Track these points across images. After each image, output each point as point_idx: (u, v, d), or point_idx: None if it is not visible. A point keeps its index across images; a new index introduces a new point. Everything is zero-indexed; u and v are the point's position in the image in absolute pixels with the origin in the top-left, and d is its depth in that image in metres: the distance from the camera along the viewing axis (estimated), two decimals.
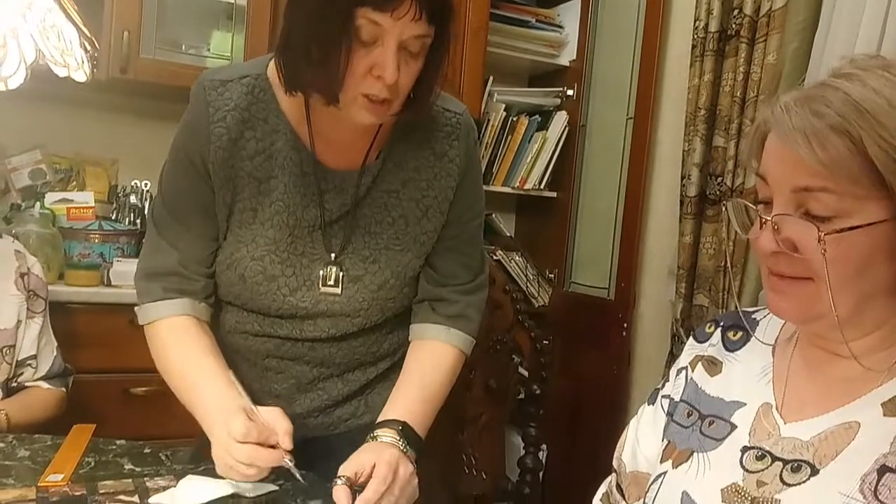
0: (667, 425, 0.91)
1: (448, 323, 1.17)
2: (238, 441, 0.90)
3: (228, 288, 1.13)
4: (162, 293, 1.09)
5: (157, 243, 1.12)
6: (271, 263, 1.10)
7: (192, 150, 1.08)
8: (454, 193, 1.15)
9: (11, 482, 0.98)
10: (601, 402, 2.42)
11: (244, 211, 1.09)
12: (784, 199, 0.72)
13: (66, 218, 2.18)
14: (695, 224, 2.09)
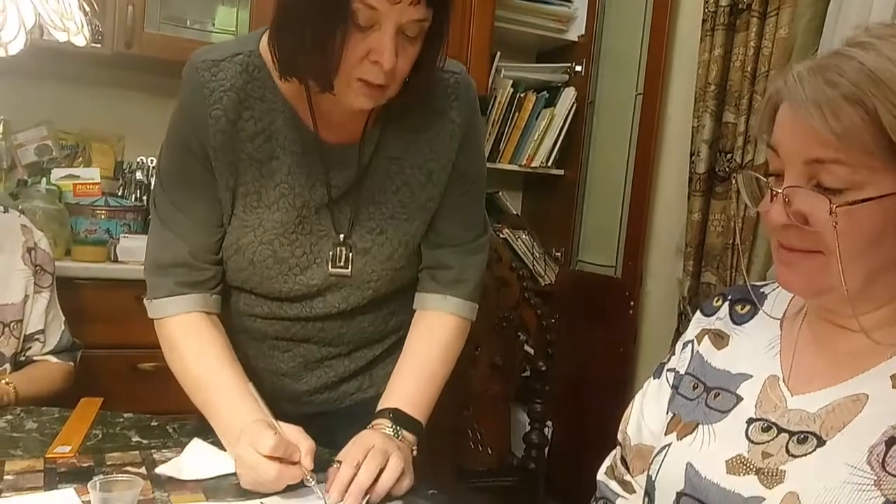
0: (672, 398, 0.91)
1: (445, 290, 1.16)
2: (265, 456, 0.88)
3: (237, 273, 1.12)
4: (173, 288, 1.07)
5: (163, 235, 1.09)
6: (280, 246, 1.09)
7: (189, 135, 1.05)
8: (456, 153, 1.13)
9: (20, 453, 0.98)
10: (607, 380, 2.42)
11: (248, 195, 1.07)
12: (795, 171, 0.71)
13: (72, 194, 2.19)
14: (703, 201, 2.08)
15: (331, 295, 1.13)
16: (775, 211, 0.73)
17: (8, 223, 1.36)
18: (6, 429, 1.09)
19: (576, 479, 2.39)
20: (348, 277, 1.12)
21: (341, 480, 0.91)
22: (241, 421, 0.95)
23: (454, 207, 1.16)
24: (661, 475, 0.83)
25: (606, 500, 0.98)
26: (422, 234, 1.15)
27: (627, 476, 0.96)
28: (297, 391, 1.20)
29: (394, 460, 0.94)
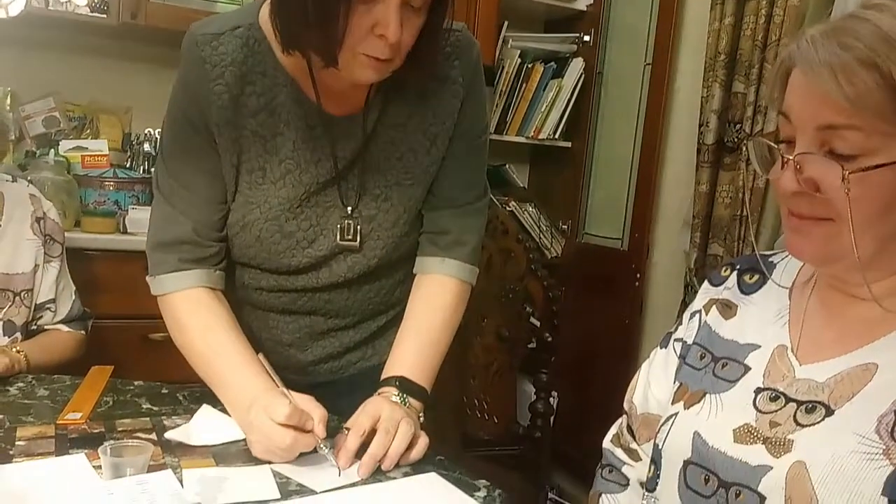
0: (679, 368, 0.91)
1: (444, 253, 1.16)
2: (279, 424, 0.88)
3: (243, 250, 1.12)
4: (176, 264, 1.06)
5: (166, 212, 1.08)
6: (286, 221, 1.09)
7: (192, 112, 1.04)
8: (458, 112, 1.11)
9: (31, 420, 1.00)
10: (612, 351, 2.43)
11: (252, 171, 1.07)
12: (807, 137, 0.70)
13: (80, 166, 2.19)
14: (711, 172, 2.06)
15: (336, 265, 1.14)
16: (786, 178, 0.72)
17: (16, 192, 1.36)
18: (18, 396, 1.10)
19: (580, 447, 2.41)
20: (356, 247, 1.12)
21: (349, 449, 0.92)
22: (252, 390, 0.95)
23: (455, 167, 1.15)
24: (668, 444, 0.84)
25: (612, 467, 0.99)
26: (424, 198, 1.15)
27: (633, 444, 0.97)
28: (301, 362, 1.21)
29: (404, 428, 0.95)
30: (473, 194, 1.18)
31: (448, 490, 0.89)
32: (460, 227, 1.16)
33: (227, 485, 0.84)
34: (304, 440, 0.90)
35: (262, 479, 0.87)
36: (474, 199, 1.18)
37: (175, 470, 0.86)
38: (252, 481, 0.86)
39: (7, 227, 1.32)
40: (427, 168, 1.12)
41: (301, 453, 0.91)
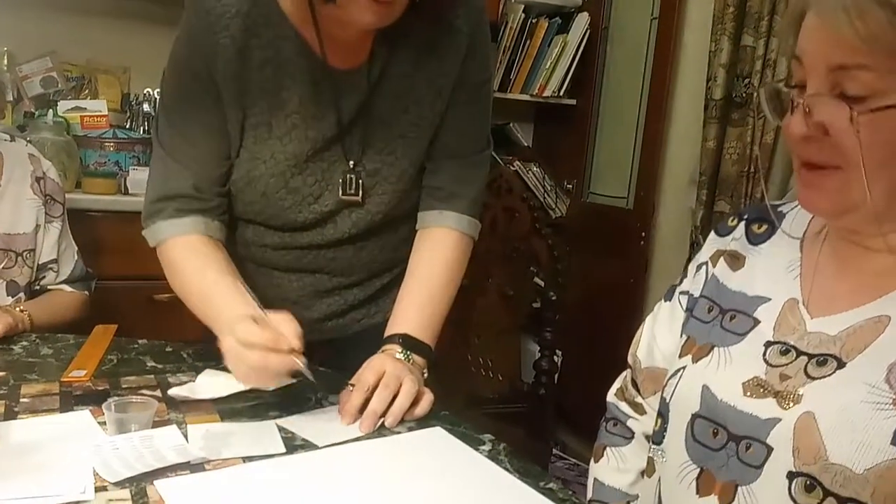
0: (686, 321, 0.90)
1: (441, 206, 1.14)
2: (245, 345, 0.86)
3: (248, 206, 1.10)
4: (173, 212, 1.05)
5: (166, 166, 1.06)
6: (292, 177, 1.07)
7: (197, 65, 1.01)
8: (462, 61, 1.09)
9: (35, 377, 1.00)
10: (617, 310, 2.43)
11: (258, 126, 1.05)
12: (819, 79, 0.68)
13: (80, 126, 2.17)
14: (719, 128, 2.03)
15: (341, 220, 1.12)
16: (795, 122, 0.70)
17: (15, 152, 1.35)
18: (22, 354, 1.10)
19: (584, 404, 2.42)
20: (358, 202, 1.10)
21: (353, 405, 0.92)
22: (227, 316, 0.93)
23: (458, 118, 1.12)
24: (676, 397, 0.83)
25: (616, 421, 0.99)
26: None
27: (638, 398, 0.97)
28: (306, 319, 1.19)
29: (407, 385, 0.94)
30: (474, 146, 1.16)
31: (453, 444, 0.89)
32: (459, 178, 1.14)
33: (232, 439, 0.84)
34: (277, 359, 0.86)
35: (268, 434, 0.87)
36: (475, 150, 1.16)
37: (180, 425, 0.86)
38: (257, 436, 0.86)
39: (7, 187, 1.31)
40: (433, 121, 1.10)
41: (303, 408, 0.91)
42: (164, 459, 0.76)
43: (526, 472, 0.82)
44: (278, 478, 0.77)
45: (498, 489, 0.78)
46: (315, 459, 0.82)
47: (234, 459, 0.80)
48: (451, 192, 1.14)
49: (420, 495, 0.75)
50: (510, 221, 1.88)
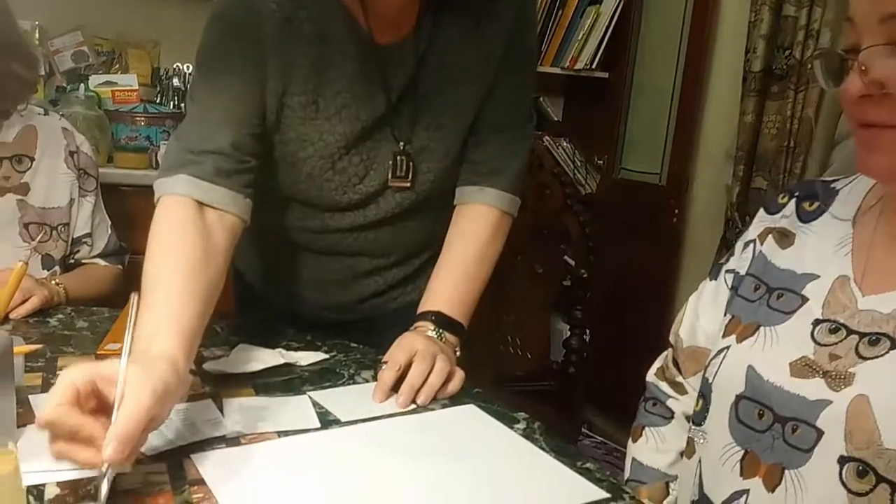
0: (731, 300, 0.87)
1: (482, 181, 1.11)
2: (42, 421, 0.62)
3: (292, 185, 1.07)
4: (211, 173, 0.92)
5: (203, 119, 0.96)
6: (340, 158, 1.04)
7: (244, 22, 0.95)
8: (512, 29, 1.05)
9: (71, 350, 1.00)
10: (648, 289, 2.40)
11: (306, 106, 1.00)
12: (872, 34, 0.66)
13: (111, 101, 2.17)
14: (757, 102, 1.98)
15: (384, 201, 1.10)
16: (851, 81, 0.67)
17: (49, 126, 1.35)
18: (58, 327, 1.11)
19: (612, 383, 2.41)
20: (408, 185, 1.08)
21: (385, 382, 0.91)
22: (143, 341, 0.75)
23: (505, 88, 1.09)
24: (720, 378, 0.81)
25: (656, 401, 0.97)
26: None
27: (679, 377, 0.95)
28: (343, 301, 1.19)
29: (440, 363, 0.93)
30: (518, 119, 1.13)
31: (487, 421, 0.88)
32: (502, 153, 1.11)
33: (267, 414, 0.84)
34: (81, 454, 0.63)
35: (302, 409, 0.86)
36: (518, 124, 1.13)
37: (215, 399, 0.86)
38: (292, 411, 0.85)
39: (41, 161, 1.31)
40: (481, 92, 1.07)
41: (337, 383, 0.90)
42: (200, 433, 0.76)
43: (561, 451, 0.80)
44: (313, 452, 0.77)
45: (534, 468, 0.76)
46: (350, 434, 0.82)
47: (269, 434, 0.79)
48: (493, 168, 1.11)
49: (455, 472, 0.74)
50: (541, 198, 1.86)
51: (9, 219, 1.26)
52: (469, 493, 0.70)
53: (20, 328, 1.08)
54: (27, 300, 1.13)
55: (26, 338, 0.99)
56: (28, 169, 1.29)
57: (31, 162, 1.30)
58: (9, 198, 1.26)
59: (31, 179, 1.29)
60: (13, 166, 1.28)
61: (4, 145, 1.28)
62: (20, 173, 1.28)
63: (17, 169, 1.28)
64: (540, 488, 0.72)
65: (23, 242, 1.27)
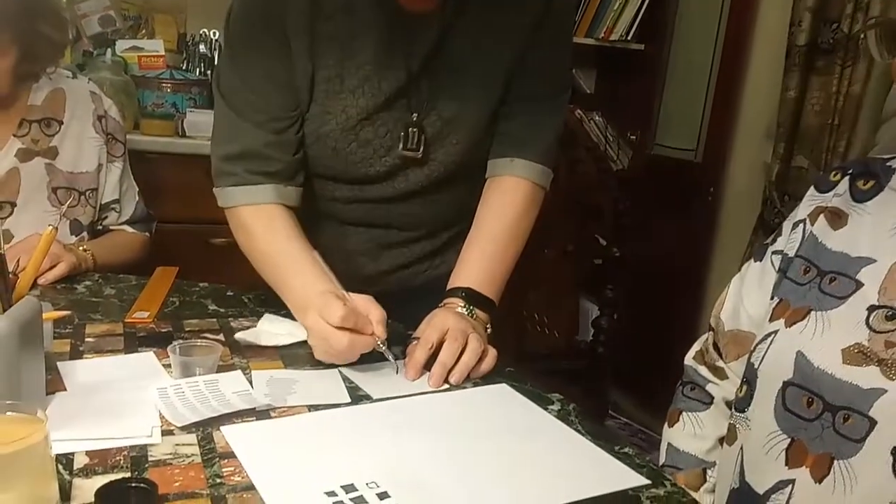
0: (778, 282, 0.84)
1: (512, 153, 1.08)
2: (335, 327, 0.84)
3: (319, 161, 1.05)
4: (244, 176, 0.99)
5: (231, 120, 1.00)
6: (363, 130, 1.02)
7: (269, 11, 0.96)
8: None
9: (99, 317, 0.99)
10: (680, 269, 2.35)
11: (330, 80, 0.99)
12: None
13: (137, 66, 2.16)
14: (801, 77, 1.90)
15: (413, 173, 1.07)
16: None
17: (77, 89, 1.33)
18: (85, 293, 1.10)
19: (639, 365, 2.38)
20: (432, 150, 1.05)
21: (417, 360, 0.89)
22: (309, 293, 0.91)
23: (539, 55, 1.05)
24: (767, 363, 0.78)
25: (694, 385, 0.94)
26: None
27: (720, 362, 0.91)
28: (371, 272, 1.16)
29: (473, 342, 0.91)
30: (553, 88, 1.09)
31: (520, 402, 0.85)
32: (534, 124, 1.08)
33: (297, 387, 0.82)
34: (362, 341, 0.86)
35: (333, 384, 0.84)
36: (553, 93, 1.09)
37: (244, 371, 0.85)
38: (322, 385, 0.84)
39: (70, 124, 1.30)
40: (512, 60, 1.03)
41: (367, 359, 0.89)
42: (230, 405, 0.74)
43: (598, 434, 0.78)
44: (344, 428, 0.75)
45: (571, 452, 0.74)
46: (381, 411, 0.80)
47: (300, 407, 0.78)
48: (524, 139, 1.08)
49: (489, 453, 0.72)
50: (572, 173, 1.81)
51: (37, 183, 1.25)
52: (503, 474, 0.68)
53: (48, 294, 1.07)
54: (55, 266, 1.12)
55: (54, 304, 0.98)
56: (56, 133, 1.28)
57: (59, 126, 1.28)
58: (37, 161, 1.25)
59: (59, 143, 1.28)
60: (42, 129, 1.27)
61: (33, 108, 1.26)
62: (49, 137, 1.27)
63: (46, 132, 1.27)
64: (577, 473, 0.69)
65: (51, 207, 1.26)
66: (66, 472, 0.62)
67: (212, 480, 0.62)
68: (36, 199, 1.25)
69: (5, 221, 1.22)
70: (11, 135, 1.24)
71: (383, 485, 0.63)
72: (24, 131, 1.25)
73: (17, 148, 1.24)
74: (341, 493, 0.62)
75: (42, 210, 1.24)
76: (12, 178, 1.23)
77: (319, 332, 0.86)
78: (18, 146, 1.24)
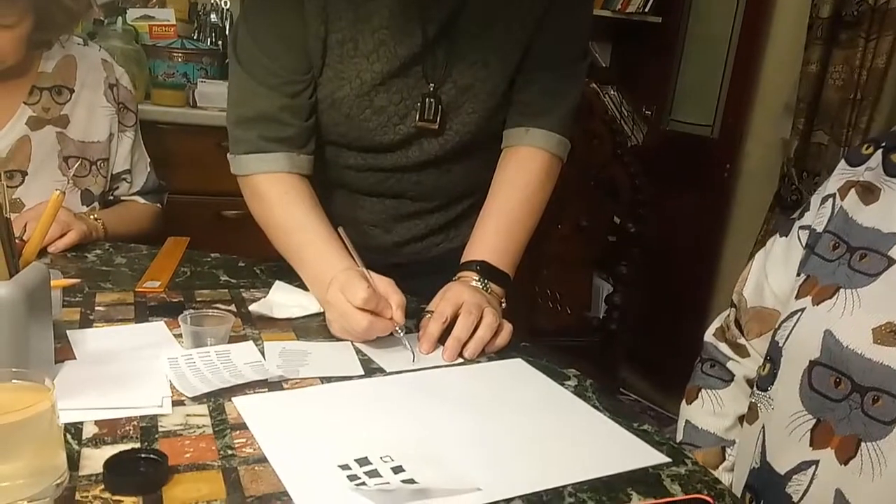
0: (805, 258, 0.81)
1: (528, 122, 1.05)
2: (357, 308, 0.83)
3: (332, 128, 1.04)
4: (258, 143, 0.98)
5: (244, 83, 0.99)
6: (377, 96, 1.00)
7: None
8: None
9: (110, 286, 0.98)
10: (694, 246, 2.32)
11: (343, 43, 0.97)
12: None
13: (148, 36, 2.13)
14: (823, 50, 1.86)
15: (427, 142, 1.05)
16: None
17: (89, 56, 1.31)
18: (96, 262, 1.09)
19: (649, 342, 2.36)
20: (448, 118, 1.03)
21: (431, 334, 0.87)
22: (331, 269, 0.89)
23: (558, 20, 1.02)
24: (792, 342, 0.75)
25: (714, 362, 0.92)
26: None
27: (741, 339, 0.89)
28: (384, 243, 1.15)
29: (488, 316, 0.89)
30: (571, 55, 1.06)
31: (536, 377, 0.84)
32: (551, 92, 1.05)
33: (309, 359, 0.81)
34: (381, 325, 0.85)
35: (346, 356, 0.83)
36: (572, 60, 1.06)
37: (256, 342, 0.83)
38: (335, 357, 0.82)
39: (81, 92, 1.28)
40: (530, 26, 1.00)
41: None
42: (242, 376, 0.73)
43: (616, 410, 0.76)
44: (358, 400, 0.73)
45: (589, 428, 0.72)
46: (395, 384, 0.78)
47: (313, 379, 0.76)
48: (542, 108, 1.05)
49: (505, 427, 0.70)
50: (588, 147, 1.78)
51: (48, 151, 1.23)
52: (520, 450, 0.66)
53: (58, 262, 1.06)
54: (65, 234, 1.11)
55: (64, 272, 0.96)
56: (68, 101, 1.26)
57: (70, 94, 1.26)
58: (48, 130, 1.24)
59: (70, 112, 1.26)
60: (53, 97, 1.25)
61: (44, 75, 1.24)
62: (60, 105, 1.25)
63: (57, 100, 1.25)
64: (596, 450, 0.68)
65: (62, 176, 1.24)
66: (75, 441, 0.61)
67: (223, 452, 0.61)
68: (47, 168, 1.23)
69: (16, 190, 1.20)
70: (22, 102, 1.22)
71: (398, 459, 0.62)
72: (34, 99, 1.23)
73: (27, 116, 1.22)
74: (355, 467, 0.60)
75: (53, 179, 1.23)
76: (23, 146, 1.21)
77: (339, 308, 0.85)
78: (29, 114, 1.22)
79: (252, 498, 0.55)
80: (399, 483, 0.58)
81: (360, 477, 0.59)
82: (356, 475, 0.59)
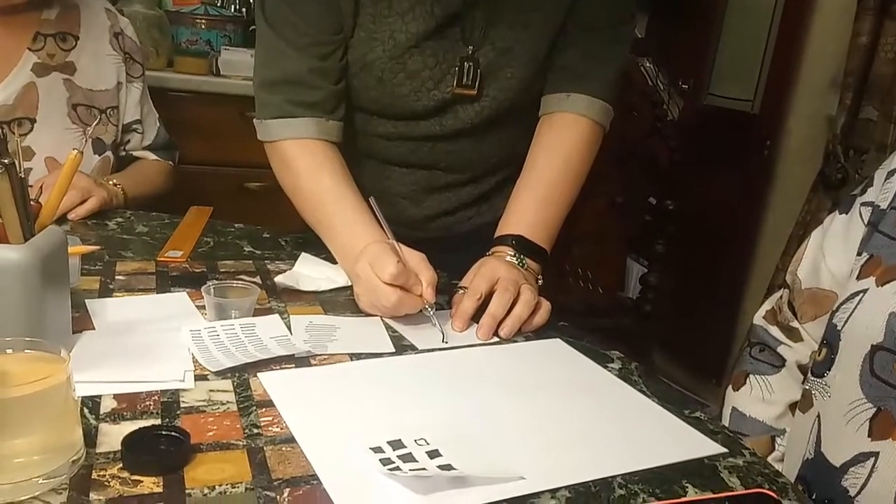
0: (868, 237, 0.75)
1: (569, 87, 1.00)
2: (386, 283, 0.79)
3: (364, 92, 0.99)
4: (284, 107, 0.94)
5: (271, 45, 0.95)
6: (411, 58, 0.95)
7: None
8: None
9: (130, 255, 0.95)
10: (731, 225, 2.24)
11: (378, 1, 0.92)
12: None
13: (171, 2, 2.09)
14: (874, 22, 1.77)
15: (462, 109, 1.00)
16: None
17: (91, 5, 1.28)
18: (116, 230, 1.06)
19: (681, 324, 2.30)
20: (485, 83, 0.97)
21: (465, 311, 0.83)
22: (361, 240, 0.85)
23: None
24: (852, 325, 0.70)
25: (764, 346, 0.87)
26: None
27: (794, 322, 0.84)
28: (415, 216, 1.10)
29: (526, 293, 0.84)
30: (616, 16, 1.00)
31: (578, 358, 0.79)
32: (594, 55, 0.99)
33: (338, 334, 0.77)
34: (410, 301, 0.81)
35: (376, 333, 0.79)
36: (616, 21, 1.00)
37: (282, 315, 0.79)
38: (364, 332, 0.78)
39: (86, 41, 1.25)
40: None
41: None
42: (268, 351, 0.69)
43: (665, 396, 0.71)
44: (389, 379, 0.70)
45: (637, 414, 0.68)
46: (427, 362, 0.74)
47: (341, 356, 0.72)
48: (583, 72, 0.99)
49: (548, 411, 0.66)
50: (626, 120, 1.71)
51: (57, 99, 1.21)
52: (564, 438, 0.62)
53: (78, 230, 1.03)
54: (86, 201, 1.08)
55: (84, 240, 0.94)
56: (73, 48, 1.23)
57: (75, 41, 1.23)
58: (55, 77, 1.21)
59: (76, 59, 1.23)
60: (57, 44, 1.21)
61: (47, 22, 1.21)
62: (65, 52, 1.22)
63: (62, 47, 1.22)
64: (645, 438, 0.63)
65: (72, 124, 1.21)
66: (92, 416, 0.57)
67: (248, 431, 0.57)
68: (56, 116, 1.20)
69: (26, 138, 1.17)
70: (27, 48, 1.19)
71: (434, 442, 0.58)
72: (39, 45, 1.20)
73: (32, 62, 1.19)
74: (388, 450, 0.56)
75: (63, 127, 1.20)
76: (30, 92, 1.18)
77: (368, 282, 0.81)
78: (34, 60, 1.19)
79: (279, 481, 0.52)
80: (436, 469, 0.54)
81: (394, 461, 0.55)
82: (389, 458, 0.55)
